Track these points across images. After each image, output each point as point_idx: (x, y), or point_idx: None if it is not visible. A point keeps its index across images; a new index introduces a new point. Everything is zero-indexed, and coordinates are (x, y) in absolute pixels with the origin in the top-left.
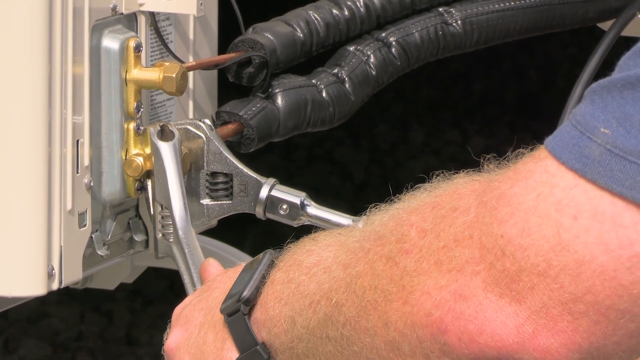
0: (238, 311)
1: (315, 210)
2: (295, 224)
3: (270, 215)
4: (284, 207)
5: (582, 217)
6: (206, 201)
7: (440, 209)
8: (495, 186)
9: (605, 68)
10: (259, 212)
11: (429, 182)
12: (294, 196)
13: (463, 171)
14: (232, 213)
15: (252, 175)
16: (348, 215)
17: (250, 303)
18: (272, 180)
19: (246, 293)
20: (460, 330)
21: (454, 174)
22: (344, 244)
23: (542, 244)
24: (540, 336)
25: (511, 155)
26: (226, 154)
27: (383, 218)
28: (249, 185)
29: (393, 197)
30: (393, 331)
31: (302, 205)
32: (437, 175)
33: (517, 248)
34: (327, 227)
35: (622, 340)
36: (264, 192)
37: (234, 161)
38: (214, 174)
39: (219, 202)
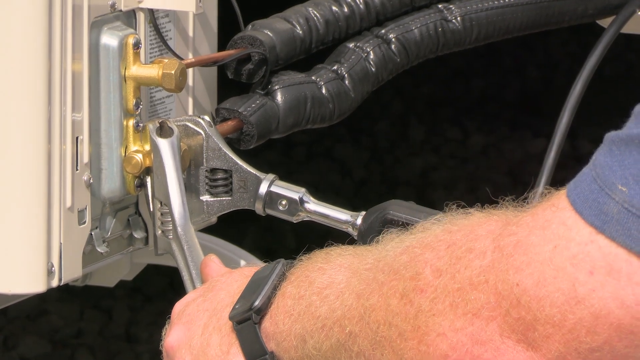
0: (248, 319)
1: (314, 206)
2: (294, 219)
3: (269, 211)
4: (283, 203)
5: (598, 272)
6: (206, 198)
7: (456, 249)
8: (513, 231)
9: (605, 65)
10: (258, 208)
11: (443, 211)
12: (293, 192)
13: (477, 208)
14: (231, 209)
15: (252, 171)
16: (347, 211)
17: (262, 313)
18: (271, 176)
19: (258, 302)
20: None
21: (467, 211)
22: (357, 271)
23: (558, 296)
24: None
25: (529, 196)
26: (225, 151)
27: (396, 250)
28: (248, 182)
29: (392, 194)
30: None
31: (301, 201)
32: (452, 206)
33: (533, 298)
34: (326, 222)
35: None
36: (263, 188)
37: (233, 157)
38: (213, 171)
39: (219, 199)
